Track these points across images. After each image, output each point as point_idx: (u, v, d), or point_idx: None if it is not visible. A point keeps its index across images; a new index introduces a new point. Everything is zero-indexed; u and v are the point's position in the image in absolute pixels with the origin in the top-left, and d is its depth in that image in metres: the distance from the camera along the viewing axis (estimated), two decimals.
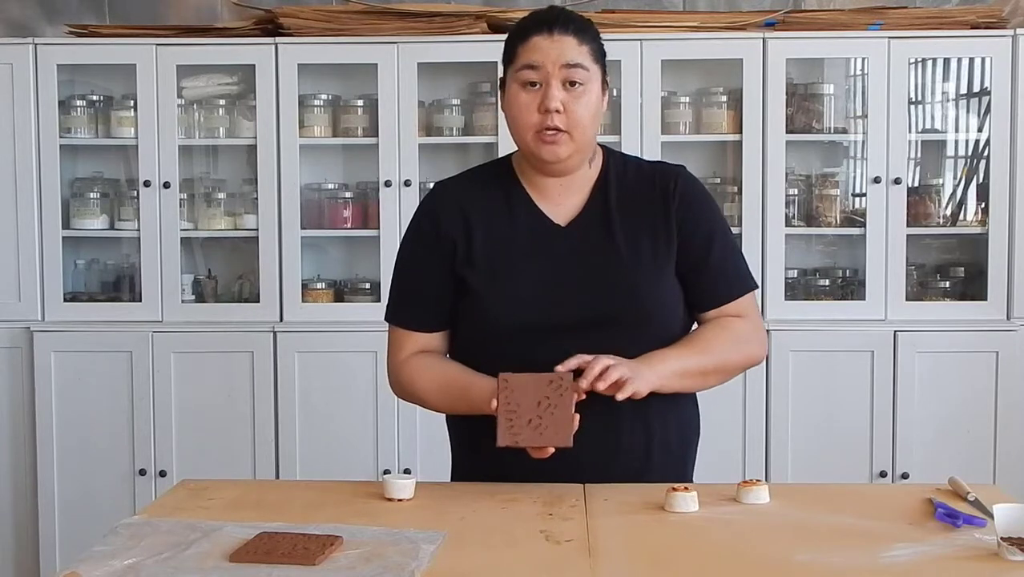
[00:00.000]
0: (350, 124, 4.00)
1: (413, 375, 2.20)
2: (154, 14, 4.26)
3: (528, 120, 2.10)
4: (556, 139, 2.10)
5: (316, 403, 3.85)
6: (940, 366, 3.79)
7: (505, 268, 2.15)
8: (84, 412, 3.88)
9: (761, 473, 3.78)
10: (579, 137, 2.11)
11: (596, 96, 2.13)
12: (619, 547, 1.77)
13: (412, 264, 2.24)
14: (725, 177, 4.03)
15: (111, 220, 4.07)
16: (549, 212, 2.18)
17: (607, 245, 2.15)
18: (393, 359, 2.24)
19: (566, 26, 2.10)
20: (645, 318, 2.12)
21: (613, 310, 2.11)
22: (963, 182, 4.04)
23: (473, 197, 2.20)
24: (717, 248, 2.19)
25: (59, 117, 3.94)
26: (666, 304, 2.16)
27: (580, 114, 2.09)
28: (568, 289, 2.12)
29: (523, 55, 2.10)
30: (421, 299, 2.21)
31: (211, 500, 2.03)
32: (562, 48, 2.08)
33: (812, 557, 1.72)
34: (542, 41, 2.09)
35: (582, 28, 2.12)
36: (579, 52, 2.10)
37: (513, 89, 2.12)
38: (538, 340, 2.09)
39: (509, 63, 2.14)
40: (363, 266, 4.08)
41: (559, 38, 2.09)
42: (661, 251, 2.15)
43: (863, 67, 3.94)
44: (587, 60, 2.10)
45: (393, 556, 1.69)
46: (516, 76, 2.11)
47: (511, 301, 2.12)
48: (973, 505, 1.95)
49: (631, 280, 2.12)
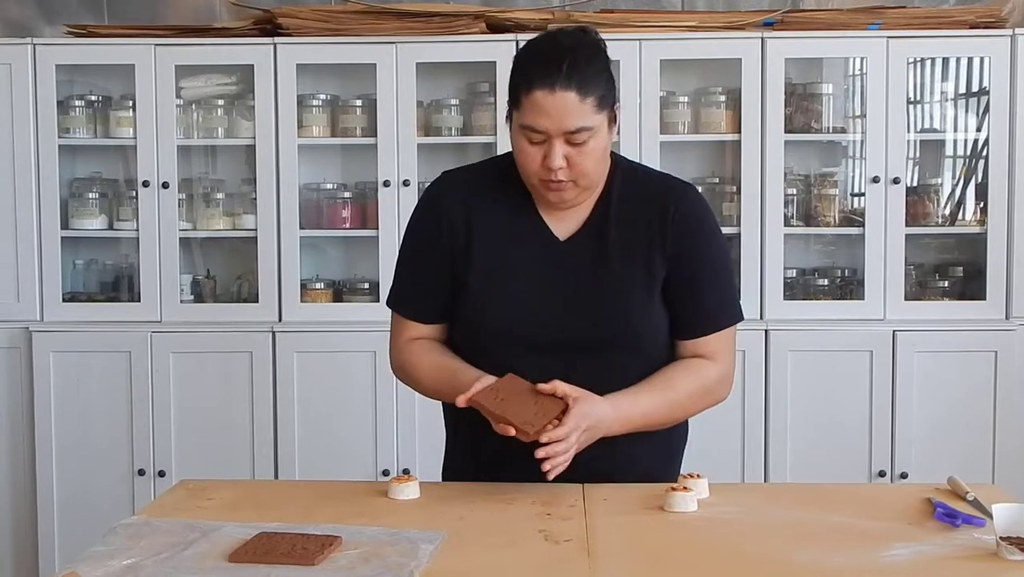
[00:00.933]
0: (349, 124, 4.00)
1: (411, 358, 2.21)
2: (153, 14, 4.26)
3: (532, 167, 2.08)
4: (561, 188, 2.08)
5: (315, 403, 3.85)
6: (939, 366, 3.78)
7: (502, 274, 2.14)
8: (83, 412, 3.88)
9: (760, 473, 3.79)
10: (585, 184, 2.10)
11: (602, 140, 2.08)
12: (618, 547, 1.77)
13: (413, 253, 2.23)
14: (724, 177, 4.03)
15: (110, 220, 4.06)
16: (552, 224, 2.17)
17: (601, 265, 2.14)
18: (394, 341, 2.26)
19: (568, 83, 2.01)
20: (632, 342, 2.13)
21: (600, 332, 2.11)
22: (962, 182, 4.04)
23: (478, 193, 2.19)
24: (706, 280, 2.18)
25: (58, 117, 3.94)
26: (653, 329, 2.15)
27: (585, 165, 2.07)
28: (558, 307, 2.12)
29: (526, 109, 2.03)
30: (421, 290, 2.22)
31: (210, 500, 2.03)
32: (564, 110, 2.01)
33: (811, 557, 1.72)
34: (544, 100, 2.01)
35: (585, 80, 2.03)
36: (581, 112, 2.02)
37: (517, 132, 2.08)
38: (524, 352, 2.09)
39: (512, 104, 2.08)
40: (362, 266, 4.08)
41: (561, 95, 2.01)
42: (654, 274, 2.14)
43: (862, 67, 3.94)
44: (590, 116, 2.03)
45: (392, 556, 1.69)
46: (519, 128, 2.07)
47: (504, 307, 2.13)
48: (972, 505, 1.95)
49: (620, 304, 2.12)
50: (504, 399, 1.98)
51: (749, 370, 3.77)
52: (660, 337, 2.17)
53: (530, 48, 2.11)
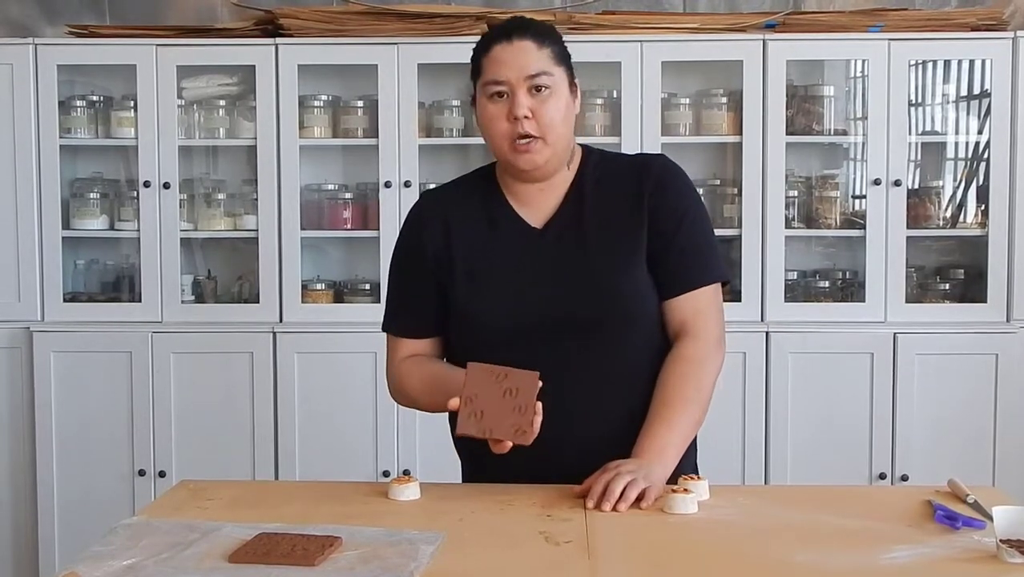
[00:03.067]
0: (350, 125, 4.00)
1: (403, 377, 2.25)
2: (154, 15, 4.26)
3: (499, 130, 2.12)
4: (530, 147, 2.11)
5: (315, 404, 3.85)
6: (940, 368, 3.78)
7: (484, 275, 2.17)
8: (83, 413, 3.88)
9: (760, 475, 3.79)
10: (553, 140, 2.12)
11: (564, 98, 2.14)
12: (618, 548, 1.77)
13: (399, 274, 2.29)
14: (725, 179, 4.03)
15: (111, 220, 4.07)
16: (526, 216, 2.19)
17: (579, 245, 2.15)
18: (388, 367, 2.30)
19: (524, 32, 2.12)
20: (624, 319, 2.14)
21: (589, 312, 2.12)
22: (963, 184, 4.04)
23: (454, 206, 2.24)
24: (685, 231, 2.17)
25: (59, 117, 3.94)
26: (644, 302, 2.16)
27: (550, 117, 2.10)
28: (543, 292, 2.13)
29: (487, 68, 2.13)
30: (409, 308, 2.26)
31: (210, 500, 2.03)
32: (523, 56, 2.10)
33: (811, 559, 1.72)
34: (503, 52, 2.11)
35: (541, 32, 2.14)
36: (539, 58, 2.10)
37: (482, 102, 2.15)
38: (519, 344, 2.10)
39: (476, 77, 2.17)
40: (363, 267, 4.08)
41: (519, 44, 2.10)
42: (636, 248, 2.15)
43: (863, 69, 3.94)
44: (549, 64, 2.11)
45: (392, 557, 1.69)
46: (483, 89, 2.14)
47: (490, 306, 2.15)
48: (972, 507, 1.95)
49: (606, 282, 2.13)
50: (483, 411, 1.96)
51: (750, 372, 3.77)
52: (652, 311, 2.17)
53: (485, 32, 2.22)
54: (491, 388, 1.97)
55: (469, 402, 1.97)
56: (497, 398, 1.96)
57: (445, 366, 2.21)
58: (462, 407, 1.97)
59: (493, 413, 1.96)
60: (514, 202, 2.21)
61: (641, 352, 2.16)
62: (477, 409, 1.97)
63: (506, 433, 1.95)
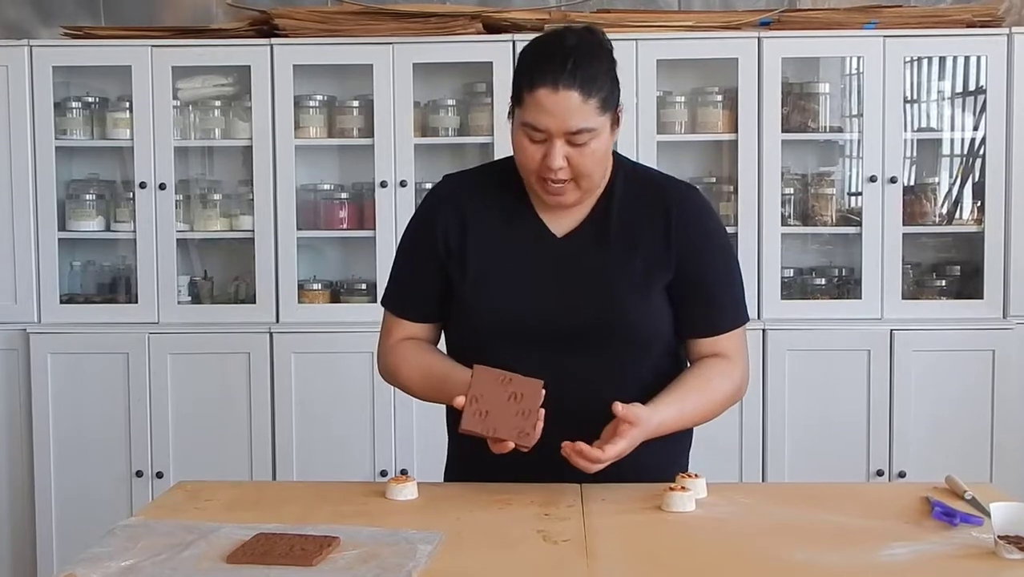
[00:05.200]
0: (346, 125, 4.00)
1: (398, 361, 2.22)
2: (149, 15, 4.25)
3: (531, 164, 2.07)
4: (561, 190, 2.08)
5: (312, 404, 3.85)
6: (936, 365, 3.79)
7: (495, 273, 2.15)
8: (81, 414, 3.88)
9: (757, 472, 3.79)
10: (585, 184, 2.09)
11: (604, 142, 2.07)
12: (616, 547, 1.78)
13: (408, 254, 2.25)
14: (721, 176, 4.03)
15: (107, 222, 4.06)
16: (549, 222, 2.16)
17: (600, 260, 2.13)
18: (383, 343, 2.26)
19: (572, 81, 1.99)
20: (628, 337, 2.12)
21: (593, 326, 2.11)
22: (959, 181, 4.05)
23: (476, 196, 2.20)
24: (718, 280, 2.19)
25: (55, 119, 3.93)
26: (652, 325, 2.14)
27: (586, 166, 2.06)
28: (555, 299, 2.12)
29: (528, 107, 2.02)
30: (413, 289, 2.23)
31: (208, 501, 2.03)
32: (567, 109, 1.99)
33: (809, 556, 1.72)
34: (546, 98, 2.00)
35: (589, 79, 2.01)
36: (583, 112, 2.00)
37: (518, 130, 2.07)
38: (521, 349, 2.08)
39: (516, 101, 2.07)
40: (359, 267, 4.08)
41: (564, 94, 1.99)
42: (655, 274, 2.13)
43: (858, 66, 3.95)
44: (593, 117, 2.02)
45: (390, 557, 1.69)
46: (520, 126, 2.06)
47: (496, 306, 2.12)
48: (970, 503, 1.95)
49: (616, 299, 2.11)
50: (488, 411, 1.97)
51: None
52: (661, 335, 2.16)
53: (536, 45, 2.10)
54: (496, 390, 1.98)
55: (474, 401, 1.98)
56: (502, 401, 1.97)
57: (444, 359, 2.18)
58: (467, 405, 1.98)
59: (497, 414, 1.97)
60: (539, 206, 2.17)
61: (646, 372, 2.15)
62: (482, 408, 1.97)
63: (509, 434, 1.96)
